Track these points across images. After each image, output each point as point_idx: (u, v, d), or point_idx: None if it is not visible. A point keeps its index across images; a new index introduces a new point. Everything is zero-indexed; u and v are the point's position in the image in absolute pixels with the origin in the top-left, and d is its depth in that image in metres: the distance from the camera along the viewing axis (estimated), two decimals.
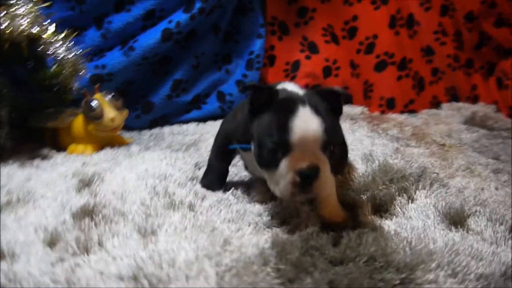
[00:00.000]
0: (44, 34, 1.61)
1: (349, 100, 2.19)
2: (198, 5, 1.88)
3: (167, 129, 2.01)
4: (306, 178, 0.85)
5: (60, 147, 1.74)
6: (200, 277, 0.73)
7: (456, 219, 0.98)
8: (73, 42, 1.70)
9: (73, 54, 1.67)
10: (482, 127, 2.02)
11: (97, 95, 1.66)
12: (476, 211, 1.02)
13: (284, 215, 1.01)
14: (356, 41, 2.27)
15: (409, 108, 2.32)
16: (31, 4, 1.58)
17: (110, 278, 0.72)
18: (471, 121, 2.09)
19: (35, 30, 1.55)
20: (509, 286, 0.76)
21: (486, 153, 1.65)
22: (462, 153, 1.62)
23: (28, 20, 1.53)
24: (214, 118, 2.10)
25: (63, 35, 1.68)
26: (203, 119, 2.11)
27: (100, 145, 1.69)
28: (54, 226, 0.93)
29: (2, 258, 0.83)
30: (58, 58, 1.64)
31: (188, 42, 2.02)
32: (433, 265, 0.79)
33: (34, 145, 1.76)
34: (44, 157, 1.61)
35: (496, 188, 1.23)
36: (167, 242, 0.84)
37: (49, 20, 1.64)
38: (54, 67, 1.65)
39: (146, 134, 1.97)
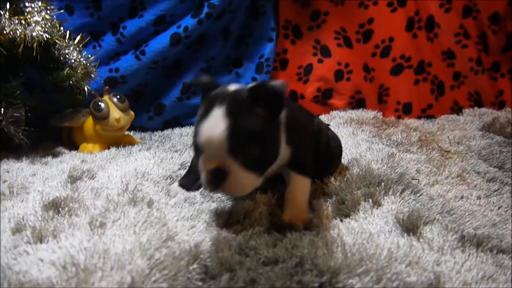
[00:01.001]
0: (58, 39, 1.73)
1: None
2: (205, 10, 1.94)
3: (177, 131, 2.08)
4: (216, 179, 0.89)
5: (75, 146, 1.86)
6: (126, 268, 0.77)
7: (410, 227, 0.96)
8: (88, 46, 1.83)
9: (85, 58, 1.79)
10: (499, 134, 1.92)
11: (105, 97, 1.76)
12: (434, 219, 1.00)
13: (239, 215, 1.03)
14: (372, 44, 2.24)
15: (427, 113, 2.26)
16: (47, 12, 1.71)
17: (45, 265, 0.78)
18: (489, 128, 2.00)
19: (48, 35, 1.67)
20: None
21: (491, 161, 1.59)
22: (463, 160, 1.56)
23: (42, 26, 1.65)
24: None
25: (76, 40, 1.80)
26: None
27: (108, 144, 1.78)
28: (23, 217, 1.01)
29: None
30: (71, 62, 1.76)
31: (198, 46, 2.08)
32: (360, 270, 0.78)
33: (53, 143, 1.89)
34: (55, 155, 1.72)
35: (478, 198, 1.19)
36: (112, 235, 0.89)
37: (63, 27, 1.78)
38: (66, 70, 1.76)
39: (157, 135, 2.05)
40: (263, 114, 0.91)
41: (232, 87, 0.97)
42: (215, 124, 0.87)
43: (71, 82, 1.77)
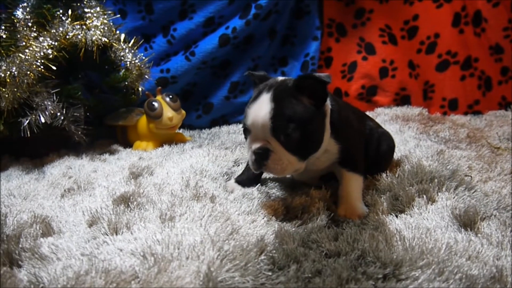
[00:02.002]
0: (115, 42, 1.82)
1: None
2: (253, 11, 1.99)
3: (224, 128, 2.15)
4: (260, 157, 0.98)
5: (129, 144, 1.95)
6: (200, 258, 0.83)
7: (467, 222, 0.97)
8: (140, 48, 1.91)
9: (139, 60, 1.88)
10: None
11: (158, 97, 1.84)
12: (492, 215, 1.01)
13: (297, 210, 1.08)
14: (417, 40, 2.23)
15: (474, 109, 2.24)
16: (105, 16, 1.80)
17: (125, 254, 0.85)
18: None
19: (106, 39, 1.76)
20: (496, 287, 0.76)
21: None
22: None
23: (100, 31, 1.74)
24: None
25: (131, 43, 1.89)
26: None
27: (161, 142, 1.86)
28: (96, 210, 1.09)
29: (51, 234, 1.00)
30: (126, 64, 1.85)
31: (246, 46, 2.14)
32: (422, 263, 0.81)
33: (108, 141, 1.99)
34: (112, 152, 1.82)
35: None
36: (182, 228, 0.95)
37: (118, 31, 1.87)
38: (122, 71, 1.85)
39: (205, 133, 2.12)
40: (307, 102, 1.00)
41: (281, 78, 1.08)
42: (261, 107, 0.97)
43: (126, 83, 1.86)
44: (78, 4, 1.79)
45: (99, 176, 1.46)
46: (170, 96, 1.83)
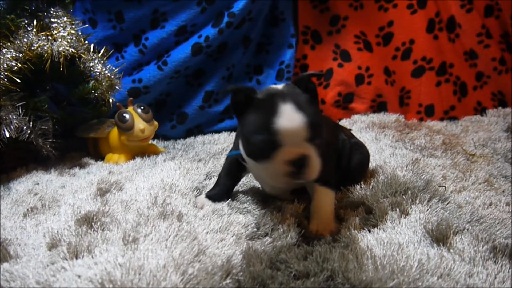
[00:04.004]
0: (83, 53, 1.77)
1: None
2: (226, 19, 1.96)
3: (200, 139, 2.11)
4: (298, 166, 0.96)
5: (100, 156, 1.89)
6: (161, 284, 0.79)
7: (439, 237, 0.95)
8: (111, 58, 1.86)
9: (109, 70, 1.83)
10: None
11: (130, 108, 1.79)
12: (464, 229, 0.99)
13: (268, 228, 1.05)
14: (392, 47, 2.23)
15: (450, 115, 2.24)
16: (73, 26, 1.75)
17: (83, 282, 0.80)
18: None
19: (74, 50, 1.70)
20: None
21: None
22: (490, 164, 1.55)
23: (67, 41, 1.69)
24: None
25: (101, 53, 1.84)
26: (236, 129, 2.18)
27: (133, 154, 1.81)
28: (58, 232, 1.03)
29: (7, 260, 0.94)
30: (96, 74, 1.80)
31: (220, 55, 2.10)
32: (392, 283, 0.79)
33: (80, 154, 1.93)
34: (83, 166, 1.76)
35: (507, 204, 1.17)
36: (145, 250, 0.91)
37: (87, 41, 1.82)
38: (92, 82, 1.80)
39: (180, 143, 2.08)
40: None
41: (277, 86, 1.06)
42: (292, 118, 0.95)
43: (96, 94, 1.80)
44: (45, 14, 1.73)
45: (66, 193, 1.40)
46: (142, 107, 1.79)
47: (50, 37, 1.65)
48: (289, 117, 0.95)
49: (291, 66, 2.17)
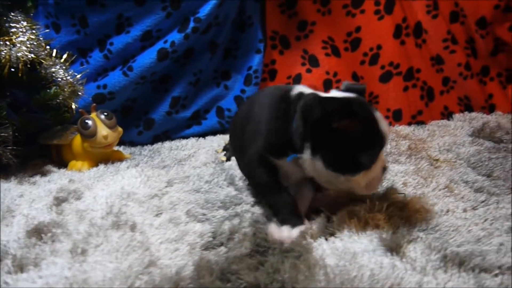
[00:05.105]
0: (44, 58, 1.72)
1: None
2: (192, 24, 1.94)
3: (167, 144, 2.08)
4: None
5: (64, 163, 1.85)
6: None
7: (394, 246, 0.95)
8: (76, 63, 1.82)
9: (71, 76, 1.79)
10: (488, 140, 1.92)
11: (93, 114, 1.76)
12: (418, 237, 0.99)
13: (224, 237, 1.03)
14: (360, 52, 2.24)
15: (417, 120, 2.26)
16: (33, 31, 1.71)
17: None
18: (478, 133, 2.00)
19: (34, 55, 1.66)
20: None
21: (480, 168, 1.58)
22: (452, 169, 1.56)
23: (27, 46, 1.64)
24: (213, 133, 2.18)
25: (63, 58, 1.80)
26: (203, 134, 2.17)
27: (97, 161, 1.78)
28: (6, 244, 1.00)
29: None
30: (58, 80, 1.76)
31: (186, 60, 2.08)
32: None
33: (42, 161, 1.88)
34: (44, 174, 1.71)
35: (464, 210, 1.18)
36: (93, 262, 0.88)
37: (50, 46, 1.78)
38: (53, 88, 1.76)
39: (147, 149, 2.05)
40: None
41: (347, 94, 1.06)
42: (386, 124, 1.01)
43: (58, 100, 1.76)
44: (4, 18, 1.68)
45: (23, 202, 1.35)
46: (105, 114, 1.75)
47: (8, 43, 1.61)
48: (385, 124, 1.00)
49: (259, 71, 2.16)
